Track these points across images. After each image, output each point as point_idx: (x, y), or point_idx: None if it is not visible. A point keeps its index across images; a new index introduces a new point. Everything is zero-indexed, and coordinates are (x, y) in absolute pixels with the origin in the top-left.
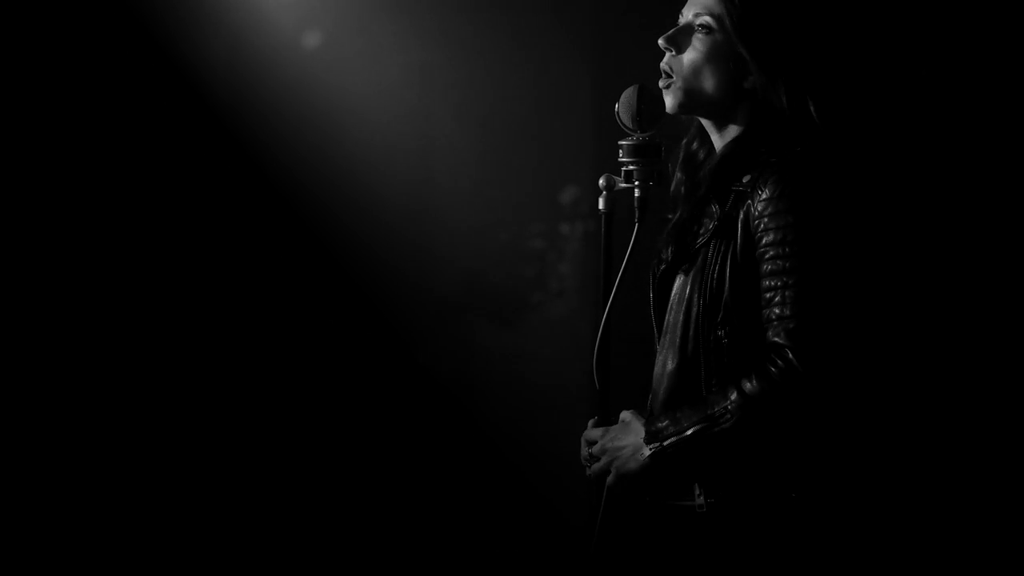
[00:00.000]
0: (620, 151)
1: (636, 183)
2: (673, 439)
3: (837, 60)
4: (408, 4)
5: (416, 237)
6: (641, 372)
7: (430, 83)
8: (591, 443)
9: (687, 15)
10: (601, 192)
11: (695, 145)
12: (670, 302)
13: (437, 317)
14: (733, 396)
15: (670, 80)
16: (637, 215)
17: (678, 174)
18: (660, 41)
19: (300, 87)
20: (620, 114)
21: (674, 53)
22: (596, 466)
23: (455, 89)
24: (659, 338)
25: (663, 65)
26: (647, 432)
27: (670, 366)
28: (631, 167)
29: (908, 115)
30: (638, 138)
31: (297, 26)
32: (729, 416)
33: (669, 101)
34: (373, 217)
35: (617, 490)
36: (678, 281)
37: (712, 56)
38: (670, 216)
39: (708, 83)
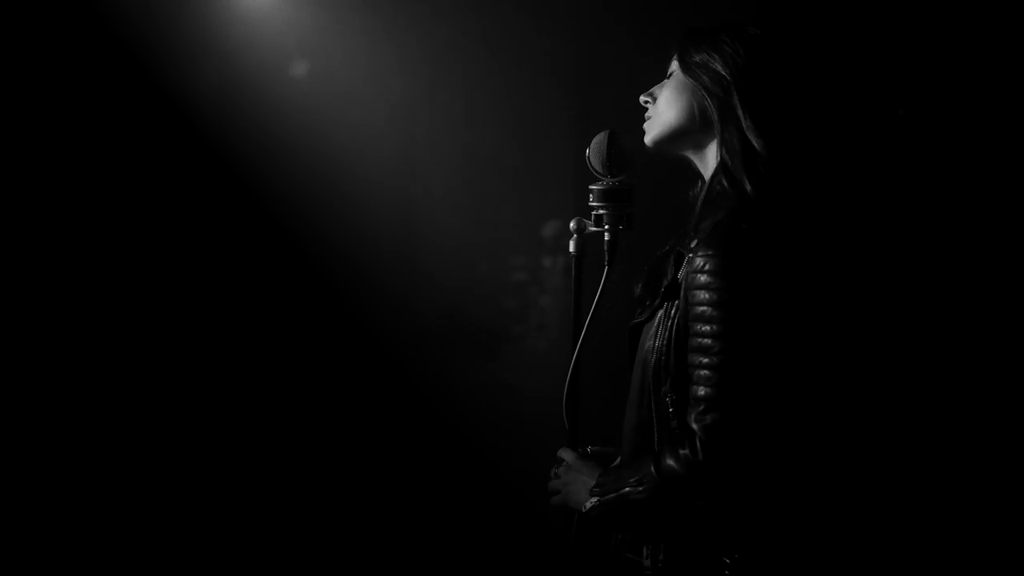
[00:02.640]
0: (590, 195)
1: (606, 227)
2: (611, 495)
3: (790, 102)
4: (394, 37)
5: (398, 269)
6: (611, 412)
7: (414, 116)
8: (561, 461)
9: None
10: (572, 235)
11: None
12: (636, 357)
13: (418, 348)
14: (650, 469)
15: (649, 120)
16: (607, 258)
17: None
18: (641, 98)
19: (285, 117)
20: (591, 159)
21: (652, 101)
22: (552, 483)
23: (438, 122)
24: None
25: (646, 117)
26: (598, 481)
27: (632, 422)
28: (601, 211)
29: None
30: (608, 183)
31: (285, 56)
32: (642, 488)
33: (646, 136)
34: (356, 248)
35: (560, 509)
36: (642, 337)
37: (673, 88)
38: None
39: (672, 110)
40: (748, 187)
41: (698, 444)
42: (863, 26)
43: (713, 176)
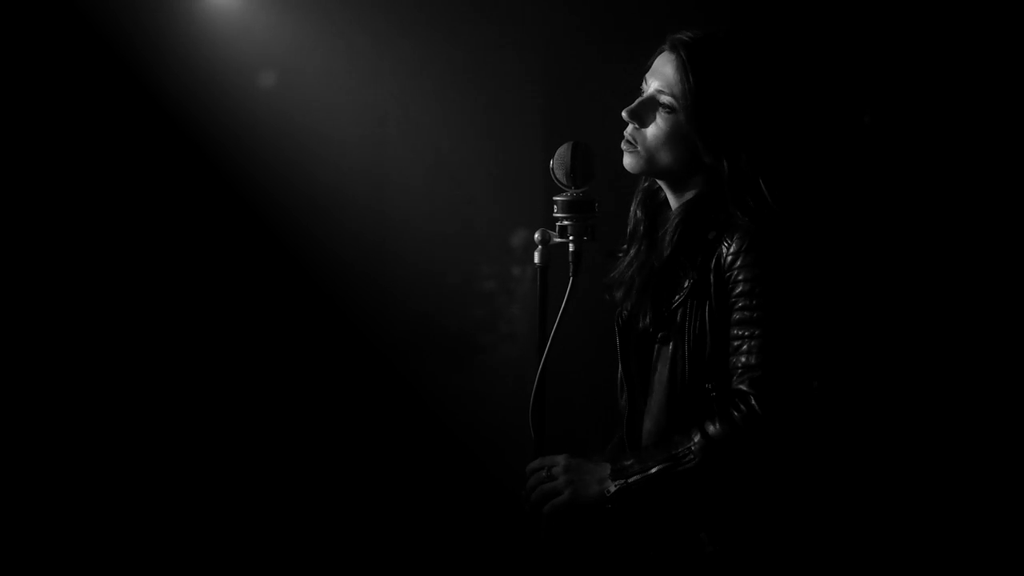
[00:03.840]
0: (555, 206)
1: (571, 237)
2: (638, 476)
3: (785, 141)
4: (363, 49)
5: (367, 277)
6: (578, 420)
7: (383, 124)
8: (550, 466)
9: (651, 86)
10: (536, 246)
11: (655, 186)
12: (653, 364)
13: (386, 358)
14: (696, 437)
15: (633, 148)
16: (572, 269)
17: (637, 213)
18: (624, 113)
19: (254, 125)
20: (555, 170)
21: (637, 127)
22: (551, 484)
23: (408, 131)
24: (626, 389)
25: (627, 134)
26: (613, 469)
27: (662, 424)
28: (565, 222)
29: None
30: (572, 194)
31: (254, 66)
32: (692, 456)
33: (629, 162)
34: (324, 255)
35: (562, 511)
36: (660, 343)
37: (673, 135)
38: (620, 253)
39: (668, 158)
40: (752, 219)
41: (752, 401)
42: (829, 32)
43: (700, 200)
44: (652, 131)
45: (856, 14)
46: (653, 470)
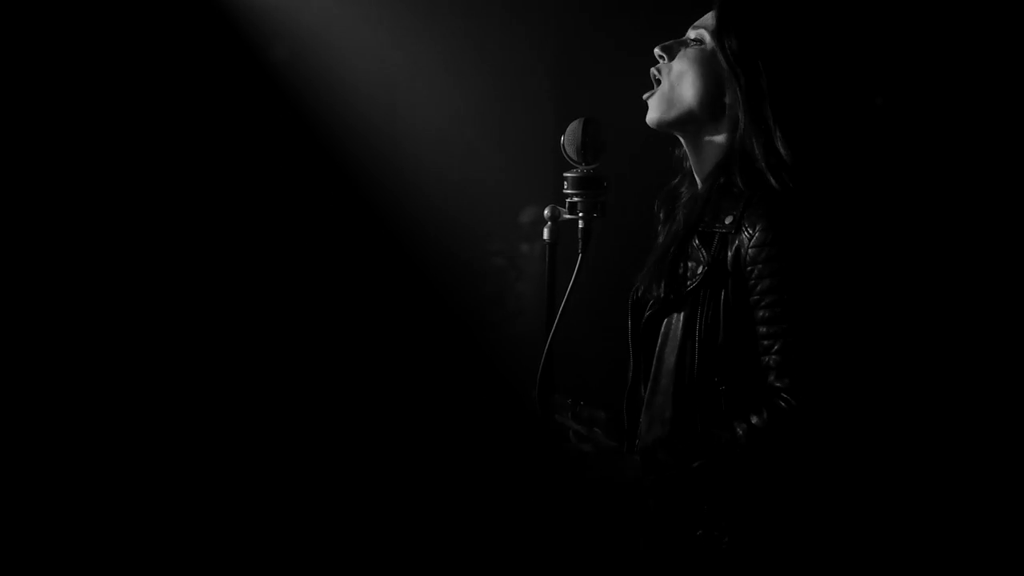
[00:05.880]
0: (564, 183)
1: (580, 214)
2: (675, 471)
3: (814, 82)
4: (371, 20)
5: (374, 254)
6: (583, 398)
7: (392, 99)
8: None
9: (689, 34)
10: (546, 223)
11: (682, 185)
12: (659, 343)
13: (395, 335)
14: (741, 430)
15: (653, 91)
16: (580, 246)
17: (660, 214)
18: (656, 49)
19: (264, 99)
20: (565, 146)
21: (666, 60)
22: (586, 446)
23: (417, 105)
24: (634, 368)
25: (652, 71)
26: (645, 463)
27: (667, 414)
28: (575, 199)
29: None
30: (582, 170)
31: (263, 39)
32: (739, 449)
33: (650, 111)
34: (331, 235)
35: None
36: (668, 324)
37: (697, 64)
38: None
39: (689, 90)
40: (773, 181)
41: (793, 397)
42: (838, 11)
43: (722, 168)
44: (678, 63)
45: None
46: (695, 465)
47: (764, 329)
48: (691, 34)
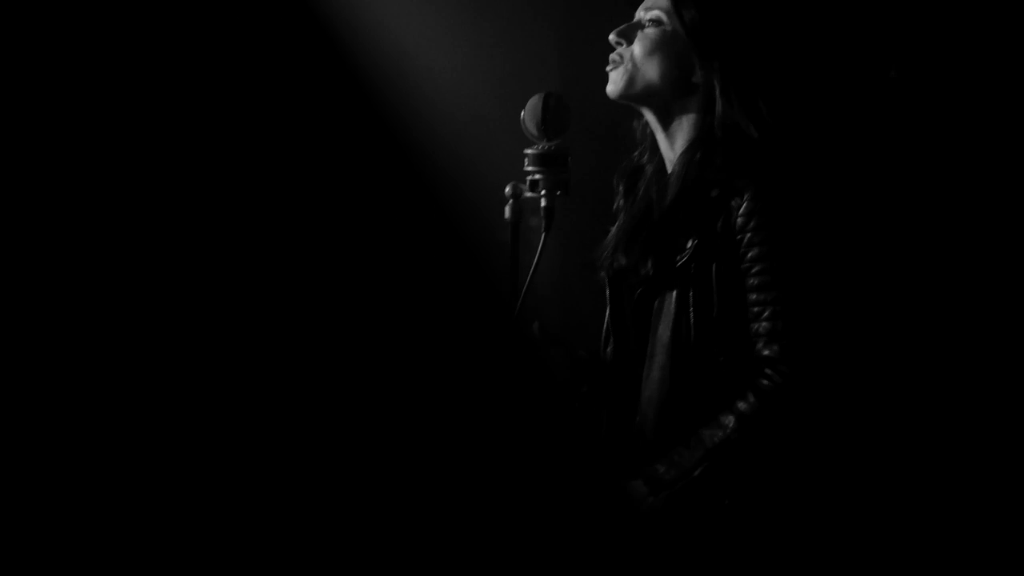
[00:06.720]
0: (525, 160)
1: (542, 192)
2: (682, 483)
3: (789, 59)
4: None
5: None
6: None
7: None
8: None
9: (639, 14)
10: (507, 201)
11: (644, 159)
12: (653, 324)
13: (375, 315)
14: (730, 423)
15: (617, 64)
16: (544, 224)
17: (620, 187)
18: (611, 36)
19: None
20: (525, 122)
21: (624, 45)
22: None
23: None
24: (612, 340)
25: (613, 56)
26: (649, 482)
27: (666, 389)
28: (537, 176)
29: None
30: (543, 147)
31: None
32: (733, 444)
33: (611, 84)
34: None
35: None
36: (661, 300)
37: (660, 45)
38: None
39: (654, 71)
40: (759, 151)
41: (782, 366)
42: None
43: (699, 143)
44: (638, 44)
45: None
46: (696, 472)
47: (754, 296)
48: (645, 15)
